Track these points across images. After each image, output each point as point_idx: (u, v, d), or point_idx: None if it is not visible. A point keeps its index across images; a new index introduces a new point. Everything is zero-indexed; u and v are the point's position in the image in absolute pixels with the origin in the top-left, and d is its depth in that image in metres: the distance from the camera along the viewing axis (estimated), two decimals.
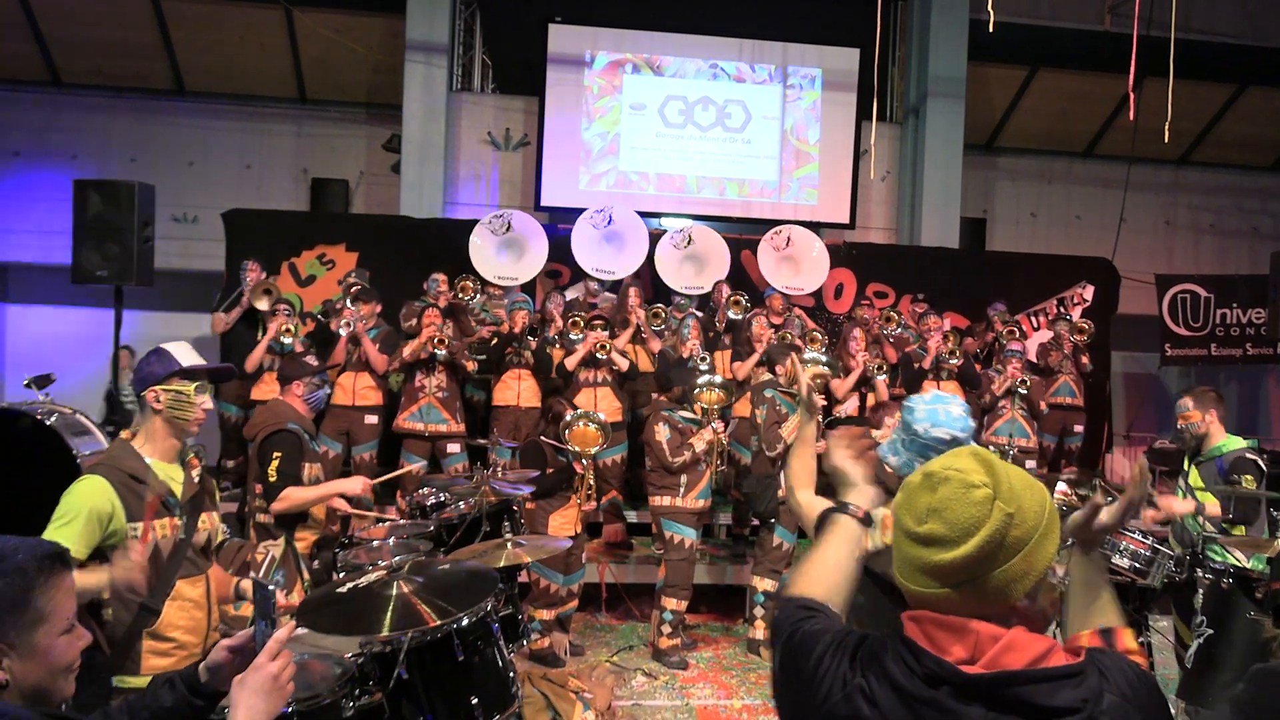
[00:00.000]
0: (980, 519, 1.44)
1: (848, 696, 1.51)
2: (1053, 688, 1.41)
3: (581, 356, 7.66)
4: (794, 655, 1.63)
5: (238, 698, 1.80)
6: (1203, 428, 5.42)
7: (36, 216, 10.88)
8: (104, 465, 3.04)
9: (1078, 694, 1.41)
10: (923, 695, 1.45)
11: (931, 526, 1.48)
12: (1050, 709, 1.40)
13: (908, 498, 1.54)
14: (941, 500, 1.48)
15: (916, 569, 1.50)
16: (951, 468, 1.52)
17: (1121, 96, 11.03)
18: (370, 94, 11.55)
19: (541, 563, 6.06)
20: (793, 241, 9.48)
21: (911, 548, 1.50)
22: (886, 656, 1.51)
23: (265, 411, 5.05)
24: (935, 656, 1.46)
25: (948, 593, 1.47)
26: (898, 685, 1.48)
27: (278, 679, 1.84)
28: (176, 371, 3.14)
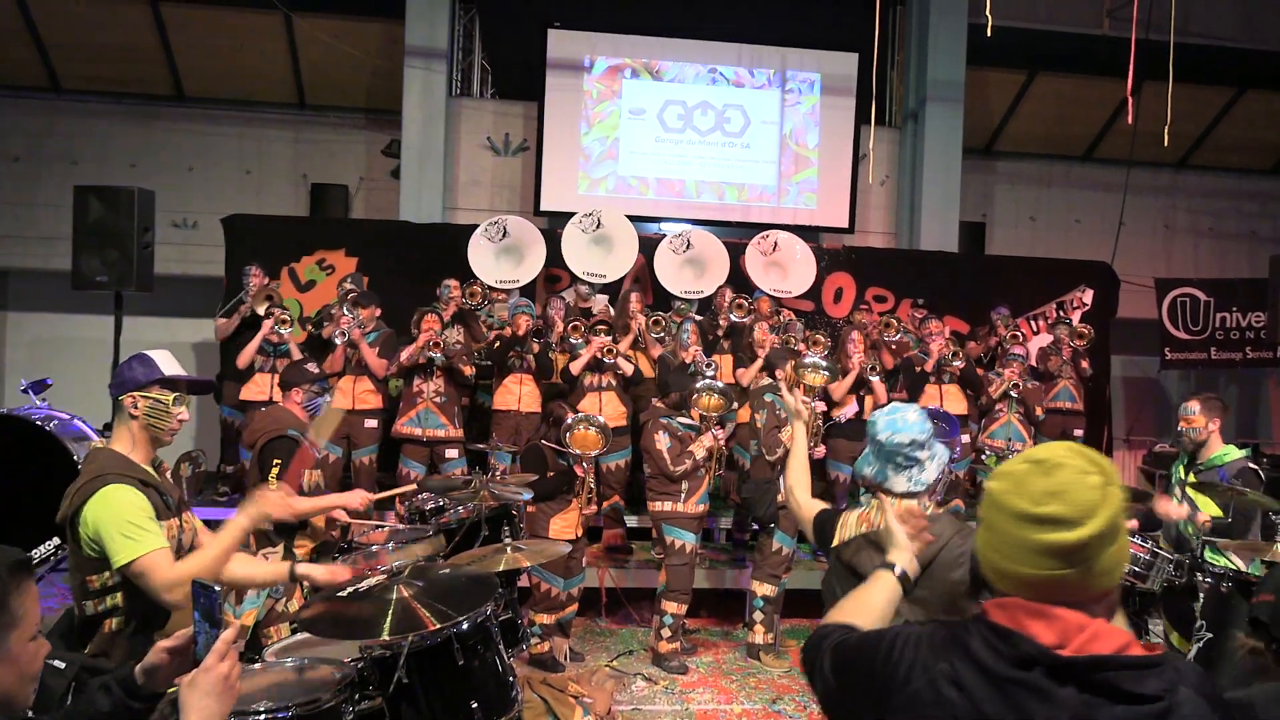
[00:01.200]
0: (1098, 501, 1.50)
1: (931, 681, 1.55)
2: (1138, 675, 1.46)
3: (586, 361, 7.66)
4: (855, 655, 1.69)
5: (189, 699, 1.79)
6: (1203, 434, 5.41)
7: (36, 222, 10.89)
8: (113, 474, 2.99)
9: (1160, 683, 1.46)
10: (1014, 676, 1.49)
11: (1054, 508, 1.51)
12: (1137, 695, 1.44)
13: (1017, 484, 1.56)
14: (1060, 484, 1.52)
15: (1033, 551, 1.52)
16: (1058, 455, 1.57)
17: (1120, 100, 11.01)
18: (369, 99, 11.56)
19: (542, 566, 6.07)
20: (779, 246, 9.48)
21: (1029, 530, 1.52)
22: (971, 641, 1.55)
23: (265, 417, 5.06)
24: (1029, 639, 1.50)
25: (1064, 574, 1.51)
26: (986, 667, 1.52)
27: (228, 679, 1.83)
28: (158, 380, 3.12)
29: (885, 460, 3.04)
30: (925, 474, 3.03)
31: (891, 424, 3.04)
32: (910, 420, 3.03)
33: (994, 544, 1.58)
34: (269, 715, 2.69)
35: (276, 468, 4.66)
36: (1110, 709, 1.44)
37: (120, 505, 2.92)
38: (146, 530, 2.90)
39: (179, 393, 3.16)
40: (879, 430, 3.05)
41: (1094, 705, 1.45)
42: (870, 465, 3.09)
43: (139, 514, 2.92)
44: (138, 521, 2.91)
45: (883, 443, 3.02)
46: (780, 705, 5.98)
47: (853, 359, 7.93)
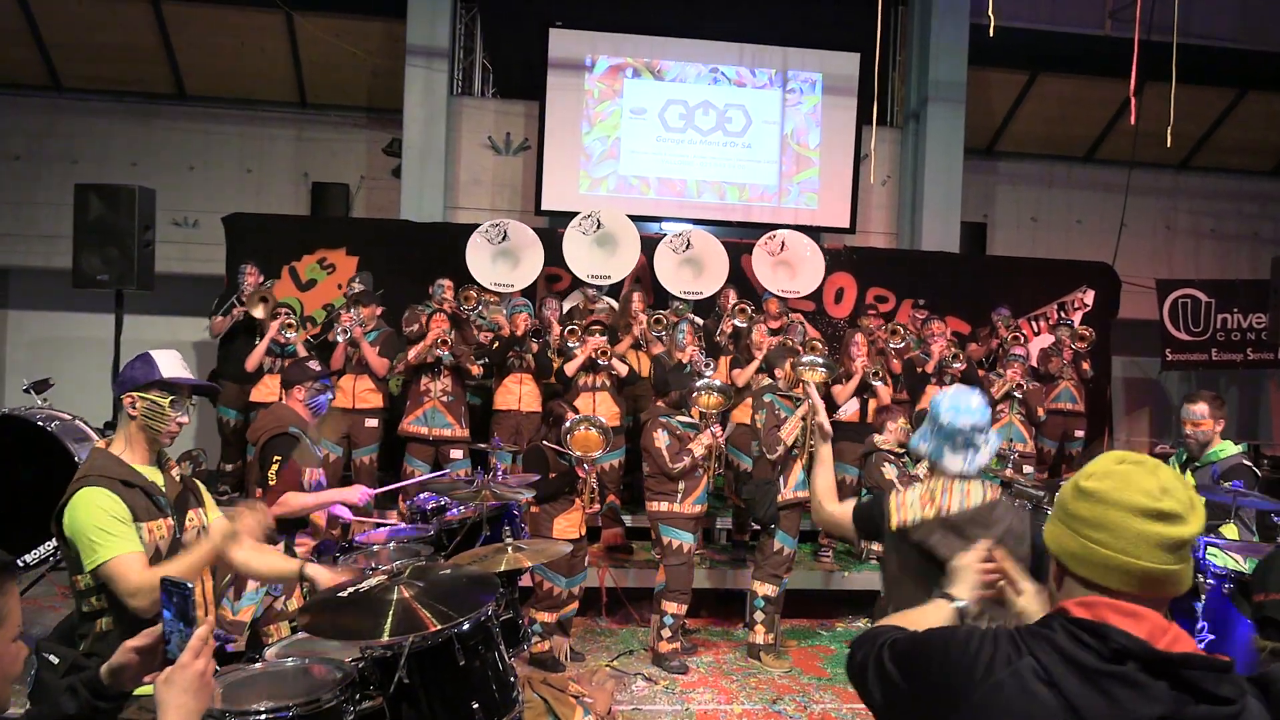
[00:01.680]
0: (1197, 500, 1.57)
1: (1016, 674, 1.55)
2: (1218, 678, 1.49)
3: (580, 363, 7.66)
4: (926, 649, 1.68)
5: (166, 697, 1.79)
6: (1211, 435, 5.39)
7: (37, 221, 10.89)
8: (93, 477, 2.99)
9: (1233, 688, 1.50)
10: (1107, 670, 1.50)
11: (1169, 504, 1.55)
12: (1217, 696, 1.48)
13: (1126, 481, 1.59)
14: (1167, 483, 1.57)
15: (1156, 544, 1.54)
16: (1149, 458, 1.63)
17: (1122, 101, 11.04)
18: (371, 98, 11.56)
19: (545, 565, 6.06)
20: (787, 246, 9.47)
21: (1152, 524, 1.55)
22: (1056, 637, 1.56)
23: (267, 415, 5.07)
24: (1127, 633, 1.52)
25: (1177, 569, 1.55)
26: (1076, 661, 1.52)
27: (204, 676, 1.82)
28: (156, 381, 3.11)
29: (944, 440, 3.20)
30: (980, 457, 3.20)
31: (955, 407, 3.21)
32: (974, 405, 3.21)
33: (1109, 540, 1.57)
34: (269, 715, 2.68)
35: (276, 464, 4.66)
36: (1196, 707, 1.47)
37: (90, 508, 2.92)
38: (114, 535, 2.90)
39: (177, 396, 3.15)
40: (942, 412, 3.21)
41: (1183, 702, 1.47)
42: (927, 442, 3.26)
43: (108, 518, 2.91)
44: (106, 525, 2.90)
45: (944, 424, 3.20)
46: (780, 705, 5.98)
47: (855, 362, 7.92)
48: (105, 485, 2.96)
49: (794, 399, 6.64)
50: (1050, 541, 1.68)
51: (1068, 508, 1.65)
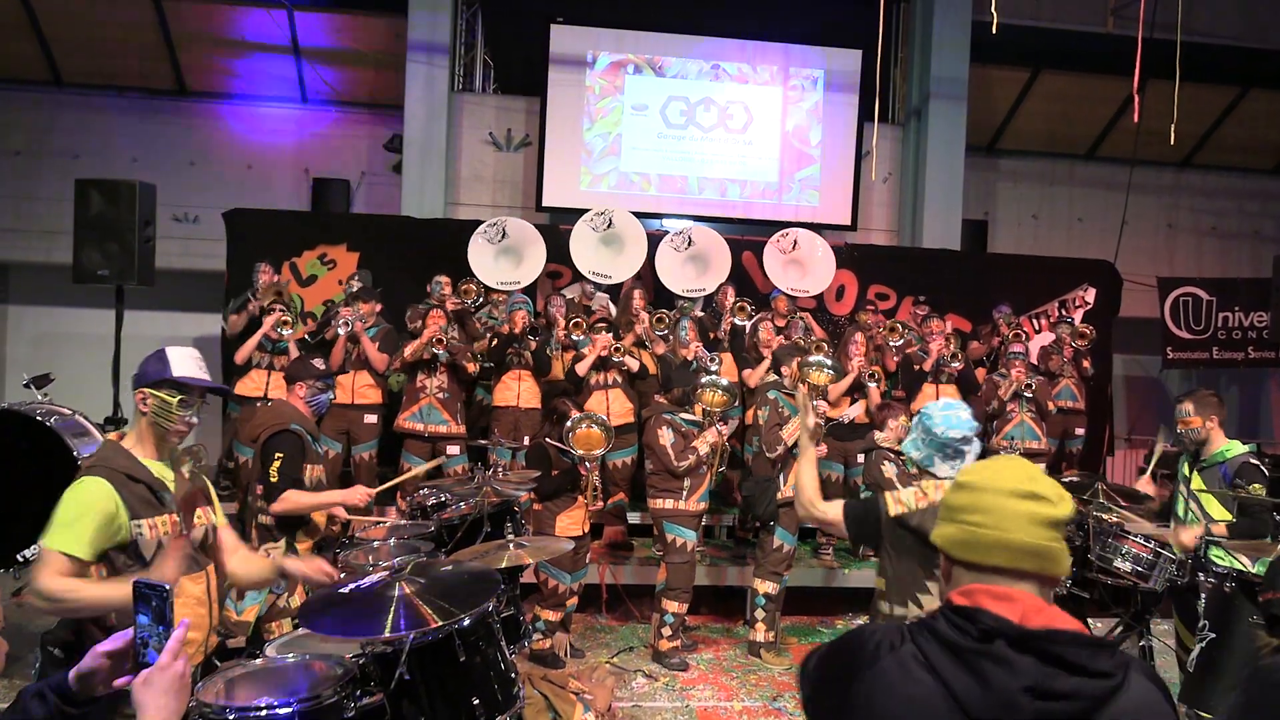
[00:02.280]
0: (1064, 491, 1.71)
1: (897, 658, 1.63)
2: (1092, 652, 1.57)
3: (592, 361, 7.66)
4: (837, 646, 1.78)
5: (146, 699, 1.78)
6: (1203, 433, 5.41)
7: (38, 216, 10.88)
8: (99, 466, 3.02)
9: (1111, 662, 1.57)
10: (977, 649, 1.58)
11: (1038, 488, 1.69)
12: (1090, 669, 1.55)
13: (995, 474, 1.74)
14: (1032, 474, 1.72)
15: (1030, 520, 1.67)
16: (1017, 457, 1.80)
17: (1124, 99, 11.03)
18: (372, 94, 11.54)
19: (549, 562, 6.06)
20: (799, 244, 9.47)
21: (1025, 503, 1.68)
22: (937, 624, 1.65)
23: (268, 412, 5.06)
24: (993, 614, 1.61)
25: (1051, 545, 1.67)
26: (951, 644, 1.61)
27: (184, 678, 1.82)
28: (167, 380, 3.12)
29: (936, 449, 3.56)
30: (965, 463, 3.52)
31: (947, 419, 3.57)
32: (964, 418, 3.59)
33: (987, 520, 1.68)
34: (270, 711, 2.68)
35: (278, 461, 4.66)
36: (1066, 679, 1.54)
37: (78, 496, 2.96)
38: (70, 527, 2.92)
39: (187, 396, 3.15)
40: (935, 423, 3.57)
41: (1050, 675, 1.54)
42: (919, 451, 3.62)
43: (86, 510, 2.93)
44: (73, 515, 2.93)
45: (937, 434, 3.55)
46: (781, 702, 5.98)
47: (853, 361, 7.92)
48: (107, 477, 2.98)
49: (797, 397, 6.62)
50: (937, 539, 1.78)
51: (949, 502, 1.78)
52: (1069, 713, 1.54)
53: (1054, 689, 1.54)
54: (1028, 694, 1.53)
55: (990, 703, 1.55)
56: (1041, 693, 1.54)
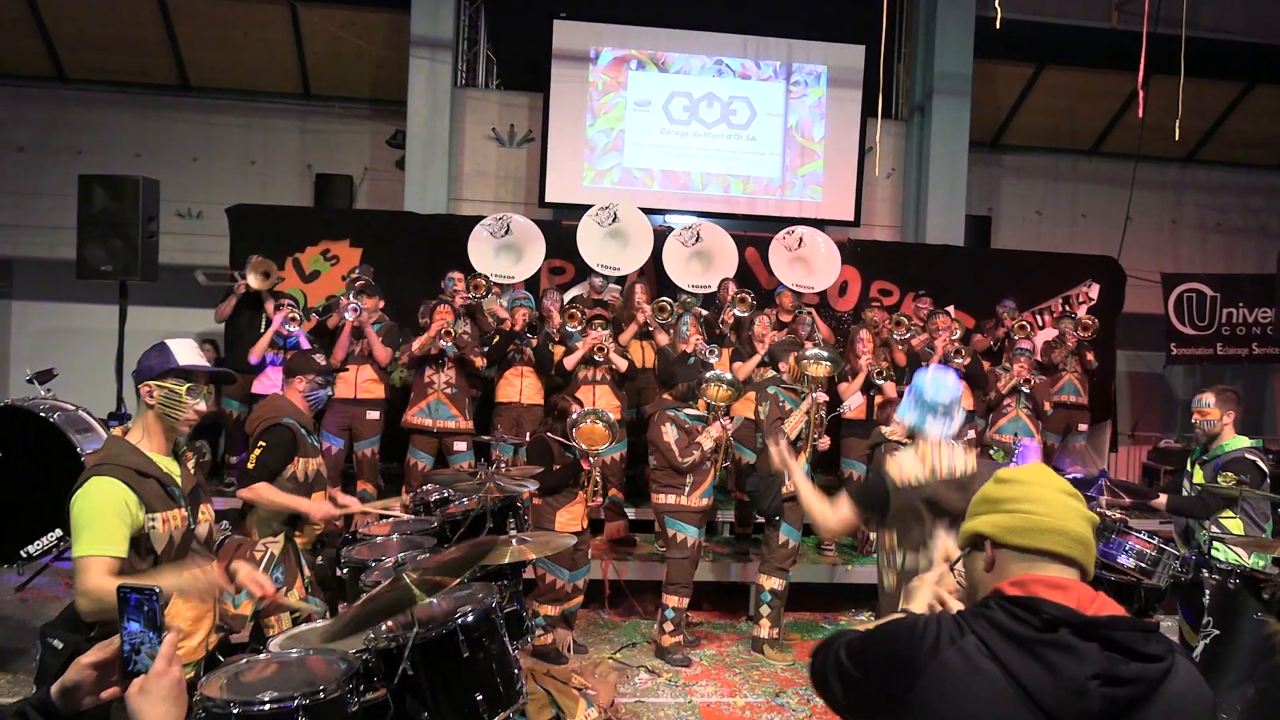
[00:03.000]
0: None
1: (960, 651, 1.65)
2: (1146, 637, 1.63)
3: (579, 357, 7.64)
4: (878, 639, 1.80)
5: (144, 708, 1.73)
6: (1218, 427, 5.40)
7: (41, 212, 10.88)
8: (107, 465, 3.00)
9: (1160, 647, 1.63)
10: (1042, 638, 1.61)
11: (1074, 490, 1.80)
12: (1145, 654, 1.61)
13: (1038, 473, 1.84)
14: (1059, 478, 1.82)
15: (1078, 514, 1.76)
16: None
17: (1128, 94, 11.01)
18: (375, 90, 11.54)
19: (548, 558, 6.05)
20: (805, 242, 9.46)
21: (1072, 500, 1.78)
22: (994, 614, 1.67)
23: (265, 405, 5.05)
24: (1056, 603, 1.64)
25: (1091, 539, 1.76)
26: (1012, 633, 1.63)
27: (180, 683, 1.78)
28: (172, 369, 3.12)
29: (927, 411, 3.90)
30: (953, 425, 3.92)
31: (936, 383, 3.93)
32: (950, 383, 3.95)
33: (1042, 509, 1.75)
34: (274, 706, 2.68)
35: (259, 451, 4.63)
36: (1129, 665, 1.59)
37: (93, 497, 2.93)
38: (99, 529, 2.90)
39: (194, 383, 3.15)
40: (925, 388, 3.92)
41: (1115, 661, 1.59)
42: (912, 413, 3.95)
43: (105, 511, 2.92)
44: (98, 518, 2.91)
45: (927, 399, 3.90)
46: (784, 699, 5.97)
47: (861, 359, 7.90)
48: (119, 475, 2.96)
49: (798, 391, 6.62)
50: (981, 527, 1.83)
51: (992, 496, 1.84)
52: (1131, 697, 1.59)
53: (1120, 675, 1.58)
54: (1095, 680, 1.57)
55: (1060, 691, 1.57)
56: (1109, 679, 1.57)
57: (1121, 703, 1.57)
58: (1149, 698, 1.59)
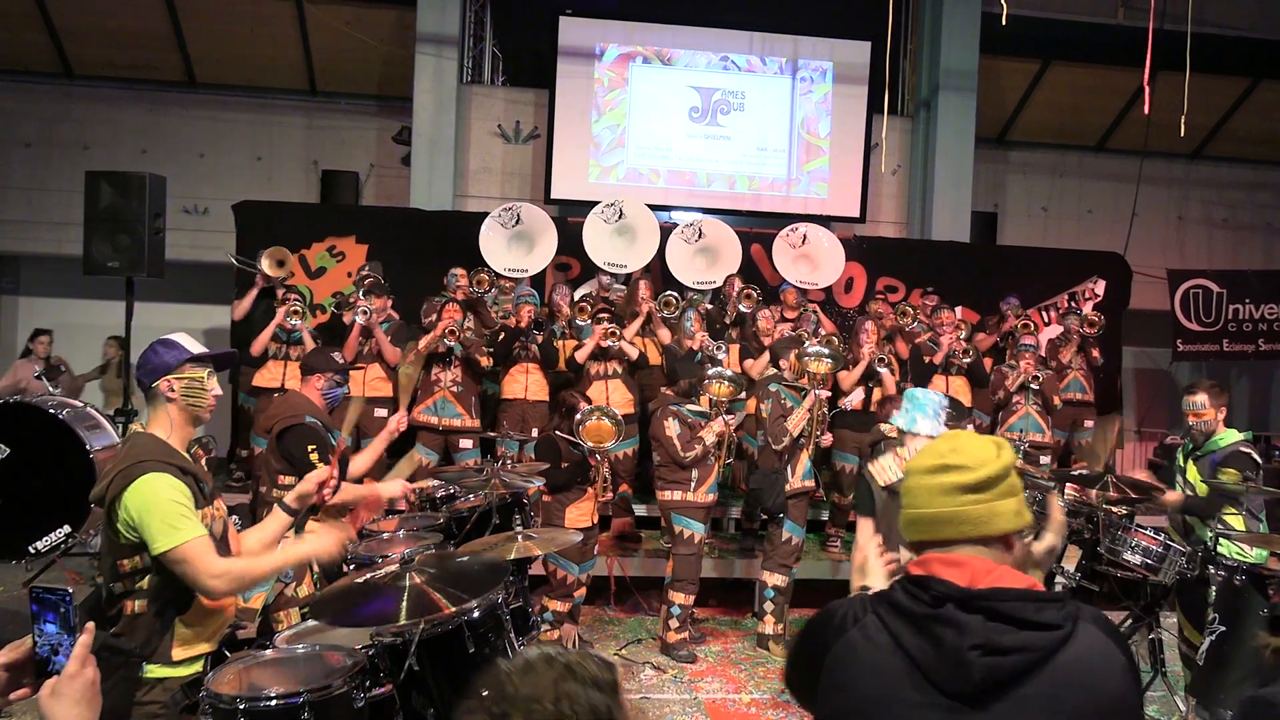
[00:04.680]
0: (992, 455, 1.78)
1: (862, 628, 1.75)
2: (1039, 607, 1.65)
3: (591, 349, 7.66)
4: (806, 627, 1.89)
5: (56, 710, 1.71)
6: (1214, 424, 5.40)
7: (48, 208, 10.91)
8: (154, 462, 2.96)
9: (1059, 615, 1.65)
10: (930, 613, 1.67)
11: (954, 459, 1.79)
12: (1037, 622, 1.63)
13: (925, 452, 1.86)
14: (958, 444, 1.82)
15: (939, 491, 1.78)
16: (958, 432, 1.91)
17: (1134, 90, 10.97)
18: (381, 86, 11.55)
19: (557, 553, 6.07)
20: (809, 239, 9.46)
21: (936, 477, 1.79)
22: (895, 593, 1.76)
23: (282, 403, 5.04)
24: (942, 580, 1.70)
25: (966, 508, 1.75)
26: (905, 610, 1.71)
27: (94, 684, 1.76)
28: (188, 359, 3.12)
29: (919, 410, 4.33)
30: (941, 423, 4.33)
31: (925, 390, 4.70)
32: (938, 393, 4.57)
33: (909, 501, 1.83)
34: (281, 701, 2.70)
35: (315, 452, 4.62)
36: (1015, 634, 1.62)
37: (161, 492, 2.91)
38: (187, 518, 2.90)
39: (209, 368, 3.17)
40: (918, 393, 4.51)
41: (999, 630, 1.62)
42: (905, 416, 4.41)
43: (178, 503, 2.92)
44: (179, 510, 2.90)
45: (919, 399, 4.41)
46: (789, 695, 5.97)
47: (864, 349, 7.91)
48: (168, 470, 2.96)
49: (800, 389, 6.63)
50: None
51: None
52: (1018, 665, 1.62)
53: (1000, 644, 1.61)
54: (976, 651, 1.61)
55: (943, 663, 1.64)
56: (990, 649, 1.61)
57: (1004, 671, 1.61)
58: (1039, 665, 1.62)
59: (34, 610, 1.78)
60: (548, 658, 1.53)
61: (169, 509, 2.89)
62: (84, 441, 5.61)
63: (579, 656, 1.55)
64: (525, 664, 1.53)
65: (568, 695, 1.46)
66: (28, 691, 1.80)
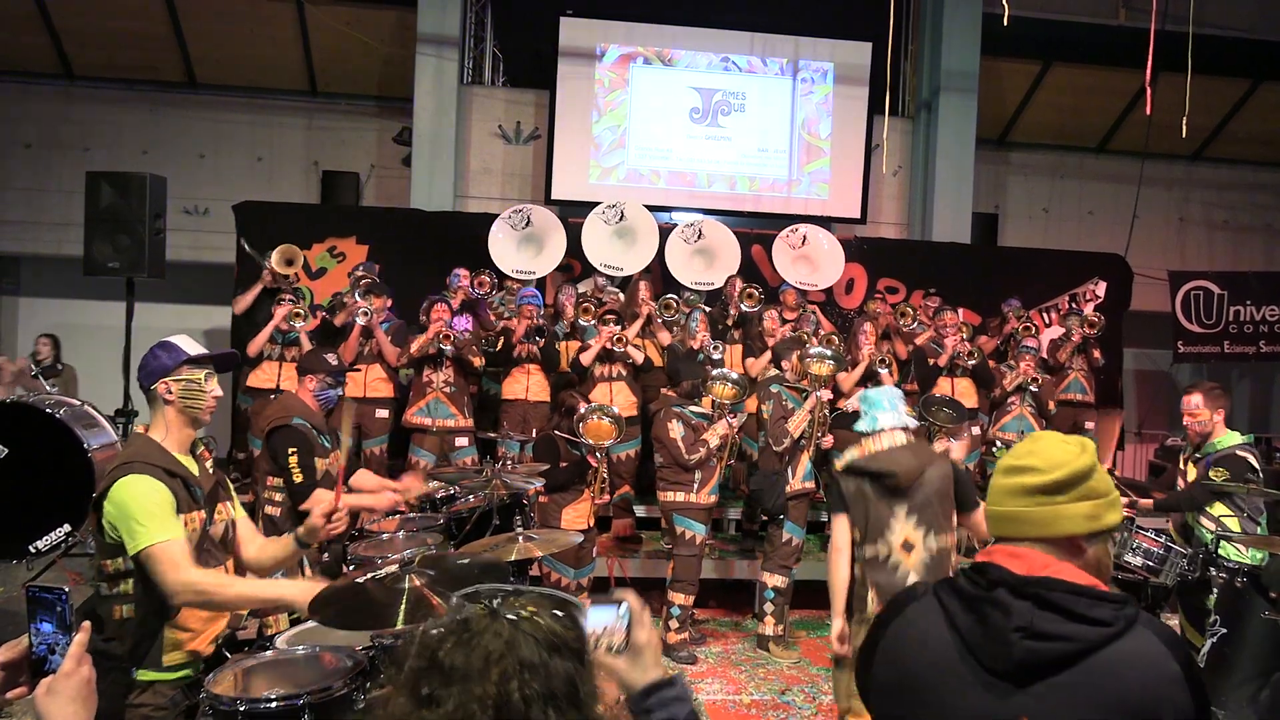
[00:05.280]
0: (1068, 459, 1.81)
1: (920, 604, 1.87)
2: (1092, 603, 1.69)
3: (596, 352, 7.65)
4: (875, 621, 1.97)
5: (51, 709, 1.72)
6: (1210, 425, 5.40)
7: (49, 209, 10.91)
8: (139, 463, 2.98)
9: (1114, 613, 1.68)
10: (983, 595, 1.76)
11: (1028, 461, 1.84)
12: (1086, 616, 1.67)
13: (1009, 452, 1.93)
14: (1038, 447, 1.86)
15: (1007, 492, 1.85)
16: (1047, 433, 1.93)
17: (1135, 91, 10.98)
18: (381, 87, 11.55)
19: (553, 556, 6.05)
20: (808, 240, 9.46)
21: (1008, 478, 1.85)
22: (958, 578, 1.85)
23: (274, 405, 5.05)
24: (999, 567, 1.77)
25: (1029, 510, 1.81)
26: (963, 591, 1.80)
27: (90, 683, 1.76)
28: (185, 360, 3.12)
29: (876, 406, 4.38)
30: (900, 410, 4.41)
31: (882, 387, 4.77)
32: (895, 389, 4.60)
33: (989, 498, 1.90)
34: (281, 703, 2.69)
35: (294, 457, 4.63)
36: (1061, 623, 1.67)
37: (140, 493, 2.92)
38: (160, 520, 2.90)
39: (208, 369, 3.17)
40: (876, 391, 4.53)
41: (1045, 618, 1.68)
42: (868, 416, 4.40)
43: (156, 504, 2.92)
44: (155, 510, 2.90)
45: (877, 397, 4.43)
46: (789, 696, 5.98)
47: (863, 350, 7.90)
48: (151, 473, 2.96)
49: (801, 390, 6.62)
50: None
51: None
52: (1058, 653, 1.67)
53: (1043, 630, 1.67)
54: (1019, 633, 1.68)
55: (987, 640, 1.72)
56: (1032, 633, 1.68)
57: (1044, 656, 1.67)
58: (1081, 657, 1.66)
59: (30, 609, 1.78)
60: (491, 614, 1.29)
61: (144, 509, 2.90)
62: (82, 441, 5.60)
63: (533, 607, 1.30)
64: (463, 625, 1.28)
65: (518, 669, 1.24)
66: (24, 690, 1.80)
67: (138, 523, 2.89)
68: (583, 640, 1.28)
